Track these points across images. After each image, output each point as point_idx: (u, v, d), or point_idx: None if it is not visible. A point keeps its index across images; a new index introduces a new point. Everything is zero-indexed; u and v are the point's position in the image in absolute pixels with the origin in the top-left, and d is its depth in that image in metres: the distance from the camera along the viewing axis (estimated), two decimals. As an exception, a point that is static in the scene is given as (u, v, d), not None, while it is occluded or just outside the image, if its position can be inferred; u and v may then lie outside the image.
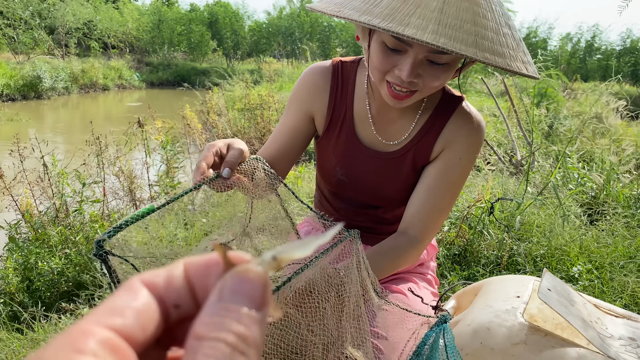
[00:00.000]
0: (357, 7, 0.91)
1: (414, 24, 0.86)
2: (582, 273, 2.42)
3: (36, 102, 14.66)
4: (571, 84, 12.62)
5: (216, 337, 0.22)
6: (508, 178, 3.80)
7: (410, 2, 0.89)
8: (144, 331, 0.25)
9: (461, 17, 0.89)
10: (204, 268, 0.27)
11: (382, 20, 0.87)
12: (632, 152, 4.27)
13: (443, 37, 0.86)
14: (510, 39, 0.97)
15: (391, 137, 1.28)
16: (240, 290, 0.24)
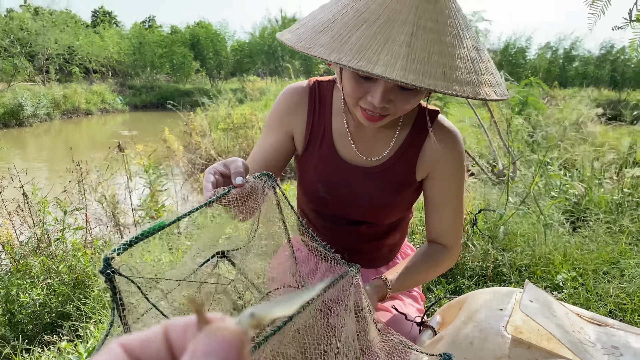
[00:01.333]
0: (327, 44, 0.92)
1: (383, 61, 0.87)
2: (566, 281, 2.42)
3: (17, 130, 14.52)
4: (551, 91, 12.79)
5: None
6: (491, 188, 3.82)
7: (379, 38, 0.89)
8: None
9: (429, 50, 0.90)
10: (182, 329, 0.26)
11: (351, 58, 0.87)
12: (612, 158, 4.33)
13: (411, 73, 0.87)
14: (478, 63, 0.98)
15: (371, 154, 1.29)
16: (213, 351, 0.23)
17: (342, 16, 0.95)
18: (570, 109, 8.43)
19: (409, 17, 0.92)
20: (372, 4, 0.94)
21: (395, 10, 0.92)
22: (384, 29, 0.90)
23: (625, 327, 1.52)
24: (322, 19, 0.98)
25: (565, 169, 4.88)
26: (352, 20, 0.93)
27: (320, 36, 0.94)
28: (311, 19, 1.02)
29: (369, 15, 0.92)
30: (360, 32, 0.90)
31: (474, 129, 7.21)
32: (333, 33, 0.93)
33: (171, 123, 11.47)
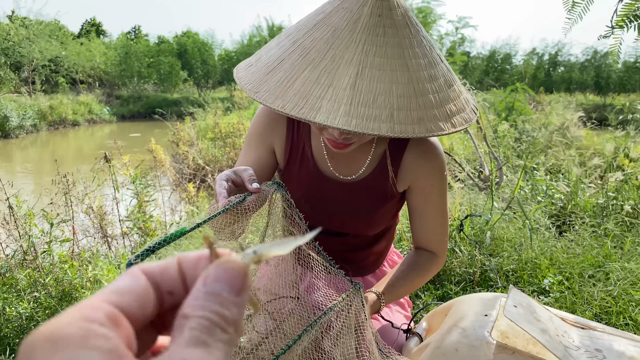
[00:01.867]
0: (272, 90, 0.90)
1: (325, 108, 0.85)
2: (553, 285, 2.44)
3: (3, 142, 14.39)
4: (537, 96, 12.93)
5: (199, 315, 0.26)
6: (478, 194, 3.85)
7: (322, 82, 0.87)
8: (142, 311, 0.29)
9: (375, 90, 0.88)
10: (195, 261, 0.31)
11: (294, 105, 0.86)
12: (596, 162, 4.38)
13: (355, 117, 0.85)
14: (432, 94, 0.95)
15: (348, 173, 1.30)
16: (222, 278, 0.28)
17: (290, 55, 0.93)
18: (555, 113, 8.52)
19: (354, 56, 0.89)
20: (318, 42, 0.92)
21: (341, 49, 0.90)
22: (328, 70, 0.88)
23: (608, 330, 1.53)
24: (272, 57, 0.97)
25: (551, 174, 4.93)
26: (298, 60, 0.91)
27: (268, 78, 0.93)
28: (265, 55, 1.01)
29: (315, 54, 0.90)
30: (304, 76, 0.89)
31: (461, 135, 7.26)
32: (279, 77, 0.91)
33: (159, 133, 11.45)
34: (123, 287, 0.28)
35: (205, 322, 0.26)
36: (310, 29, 0.95)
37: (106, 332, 0.25)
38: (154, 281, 0.30)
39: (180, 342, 0.25)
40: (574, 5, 2.16)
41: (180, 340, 0.25)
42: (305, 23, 0.98)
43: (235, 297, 0.28)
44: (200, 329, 0.25)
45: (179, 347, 0.25)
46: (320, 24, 0.94)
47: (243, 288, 0.28)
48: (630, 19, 2.00)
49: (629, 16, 2.00)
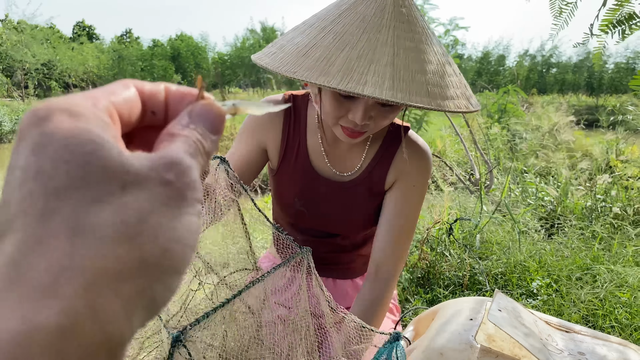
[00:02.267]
0: (312, 67, 0.93)
1: (371, 82, 0.89)
2: (541, 288, 2.46)
3: (-4, 146, 14.34)
4: (530, 98, 13.00)
5: (186, 135, 0.30)
6: (468, 197, 3.87)
7: (364, 59, 0.91)
8: (129, 117, 0.31)
9: (411, 69, 0.94)
10: (180, 95, 0.34)
11: (340, 80, 0.89)
12: (586, 165, 4.41)
13: (399, 91, 0.90)
14: (453, 77, 1.02)
15: (344, 169, 1.32)
16: (205, 116, 0.32)
17: (322, 39, 0.96)
18: (546, 115, 8.57)
19: (387, 38, 0.95)
20: (350, 27, 0.96)
21: (374, 32, 0.95)
22: (366, 50, 0.93)
23: (592, 334, 1.55)
24: (300, 43, 0.99)
25: (541, 177, 4.96)
26: (333, 43, 0.94)
27: (303, 60, 0.95)
28: (288, 43, 1.02)
29: (350, 37, 0.94)
30: (344, 54, 0.92)
31: (453, 138, 7.29)
32: (317, 56, 0.94)
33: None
34: (118, 92, 0.31)
35: (191, 142, 0.30)
36: (337, 17, 1.00)
37: (109, 120, 0.28)
38: (142, 98, 0.33)
39: (176, 146, 0.29)
40: (561, 12, 2.19)
41: (175, 145, 0.29)
42: (329, 14, 1.02)
43: (212, 134, 0.32)
44: (189, 144, 0.29)
45: (174, 149, 0.28)
46: (346, 13, 0.99)
47: (220, 129, 0.33)
48: (614, 25, 2.02)
49: (613, 22, 2.02)
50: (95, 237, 0.23)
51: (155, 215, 0.25)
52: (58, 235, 0.23)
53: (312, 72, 0.91)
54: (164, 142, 0.29)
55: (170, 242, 0.26)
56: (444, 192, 3.69)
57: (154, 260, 0.25)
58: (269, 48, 1.07)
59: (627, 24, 2.00)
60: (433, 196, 4.14)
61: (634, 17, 2.04)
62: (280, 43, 1.06)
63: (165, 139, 0.30)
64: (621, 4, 2.02)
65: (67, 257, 0.22)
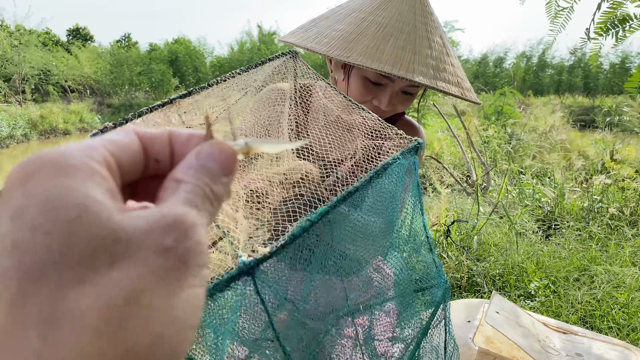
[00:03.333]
0: (363, 53, 1.00)
1: (418, 71, 1.00)
2: (539, 289, 2.47)
3: (-6, 152, 14.33)
4: (526, 99, 13.01)
5: (193, 182, 0.28)
6: (465, 199, 3.87)
7: (408, 50, 1.01)
8: (130, 168, 0.29)
9: (445, 62, 1.05)
10: (186, 139, 0.32)
11: (392, 67, 0.98)
12: (581, 165, 4.42)
13: (440, 80, 1.02)
14: (461, 71, 1.12)
15: None
16: (215, 157, 0.30)
17: (366, 29, 1.05)
18: (543, 116, 8.58)
19: (423, 33, 1.06)
20: (390, 19, 1.05)
21: (412, 26, 1.05)
22: (409, 42, 1.03)
23: (589, 334, 1.56)
24: (345, 30, 1.06)
25: (537, 178, 4.97)
26: (379, 33, 1.03)
27: (353, 45, 1.02)
28: (328, 30, 1.08)
29: (392, 30, 1.04)
30: (391, 44, 1.01)
31: (450, 140, 7.30)
32: (366, 44, 1.02)
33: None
34: (118, 140, 0.29)
35: (198, 190, 0.27)
36: (375, 9, 1.09)
37: (105, 173, 0.26)
38: (144, 145, 0.31)
39: (176, 199, 0.26)
40: (556, 15, 2.20)
41: (176, 198, 0.26)
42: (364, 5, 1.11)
43: (222, 176, 0.29)
44: (194, 194, 0.27)
45: (177, 203, 0.26)
46: (383, 6, 1.09)
47: (232, 171, 0.30)
48: (608, 27, 2.04)
49: (607, 24, 2.04)
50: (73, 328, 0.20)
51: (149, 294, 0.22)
52: (29, 328, 0.20)
53: (364, 58, 0.99)
54: (168, 190, 0.27)
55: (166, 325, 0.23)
56: (441, 194, 3.70)
57: (144, 350, 0.22)
58: (304, 33, 1.13)
59: (621, 26, 2.02)
60: (430, 198, 4.15)
61: (628, 20, 2.06)
62: (317, 29, 1.11)
63: (169, 186, 0.27)
64: (615, 7, 2.04)
65: (36, 357, 0.19)
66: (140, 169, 0.30)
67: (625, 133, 7.24)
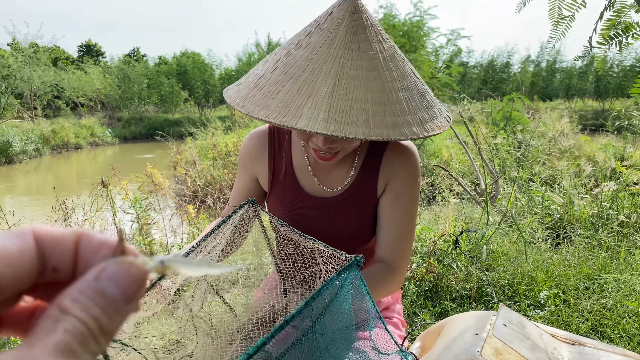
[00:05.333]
0: (258, 101, 0.97)
1: (306, 115, 0.92)
2: (548, 298, 2.45)
3: (7, 167, 14.50)
4: (534, 104, 12.97)
5: (78, 316, 0.24)
6: (475, 207, 3.86)
7: (303, 92, 0.95)
8: (12, 278, 0.26)
9: (351, 98, 0.95)
10: (97, 246, 0.28)
11: (277, 114, 0.93)
12: (590, 171, 4.39)
13: (333, 123, 0.92)
14: (406, 103, 1.02)
15: (334, 184, 1.34)
16: (118, 279, 0.26)
17: (273, 72, 1.01)
18: (551, 121, 8.54)
19: (332, 68, 0.97)
20: (299, 58, 1.00)
21: (319, 63, 0.98)
22: (307, 82, 0.96)
23: (598, 345, 1.55)
24: (257, 75, 1.04)
25: (547, 185, 4.94)
26: (281, 76, 0.99)
27: (254, 93, 1.00)
28: (251, 74, 1.08)
29: (296, 69, 0.98)
30: (286, 88, 0.96)
31: (458, 148, 7.29)
32: (263, 90, 0.99)
33: (161, 154, 11.52)
34: (3, 248, 0.25)
35: (81, 328, 0.23)
36: (292, 48, 1.03)
37: None
38: (42, 250, 0.27)
39: (48, 345, 0.23)
40: (557, 23, 2.21)
41: (49, 342, 0.23)
42: (288, 44, 1.06)
43: (123, 304, 0.25)
44: (74, 335, 0.23)
45: (46, 352, 0.22)
46: (301, 43, 1.03)
47: (135, 296, 0.26)
48: (612, 36, 2.04)
49: (610, 34, 2.04)
50: None
51: None
52: None
53: (255, 107, 0.96)
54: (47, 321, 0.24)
55: None
56: (450, 204, 3.70)
57: None
58: (241, 79, 1.12)
59: (624, 35, 2.03)
60: (440, 207, 4.15)
61: (632, 28, 2.06)
62: (248, 74, 1.11)
63: (50, 316, 0.24)
64: (618, 15, 2.05)
65: None
66: (31, 278, 0.27)
67: (636, 136, 7.19)
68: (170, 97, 24.71)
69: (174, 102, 25.02)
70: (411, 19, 8.89)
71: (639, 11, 1.96)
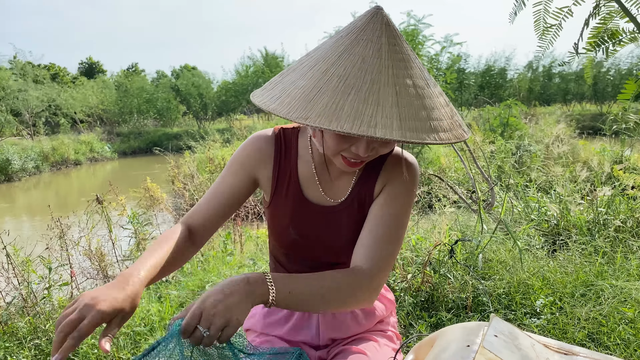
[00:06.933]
0: (322, 113, 0.95)
1: (381, 124, 0.93)
2: (545, 306, 2.44)
3: (7, 185, 14.54)
4: (531, 110, 13.00)
5: None
6: (470, 216, 3.86)
7: (370, 102, 0.95)
8: None
9: (414, 106, 0.98)
10: None
11: (352, 125, 0.92)
12: (586, 177, 4.39)
13: (408, 130, 0.94)
14: (445, 108, 1.06)
15: (337, 195, 1.34)
16: None
17: (326, 83, 0.99)
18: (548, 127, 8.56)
19: (389, 79, 0.99)
20: (352, 69, 1.00)
21: (376, 73, 0.99)
22: (371, 92, 0.97)
23: (592, 355, 1.54)
24: (306, 87, 1.01)
25: (543, 191, 4.94)
26: (340, 87, 0.98)
27: (312, 105, 0.97)
28: (291, 87, 1.04)
29: (354, 80, 0.98)
30: (352, 98, 0.96)
31: (454, 156, 7.29)
32: (325, 102, 0.97)
33: (159, 168, 11.54)
34: None
35: None
36: (337, 58, 1.03)
37: None
38: None
39: None
40: (544, 32, 2.21)
41: None
42: (328, 55, 1.05)
43: None
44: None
45: None
46: (345, 55, 1.03)
47: None
48: (598, 43, 2.05)
49: (597, 41, 2.05)
50: None
51: None
52: None
53: (323, 118, 0.94)
54: None
55: None
56: (445, 213, 3.69)
57: None
58: (271, 91, 1.09)
59: (610, 41, 2.03)
60: (436, 217, 4.14)
61: (618, 35, 2.07)
62: (281, 86, 1.08)
63: None
64: (604, 22, 2.05)
65: None
66: None
67: (634, 139, 7.19)
68: (167, 111, 24.81)
69: (172, 116, 25.12)
70: (406, 29, 8.92)
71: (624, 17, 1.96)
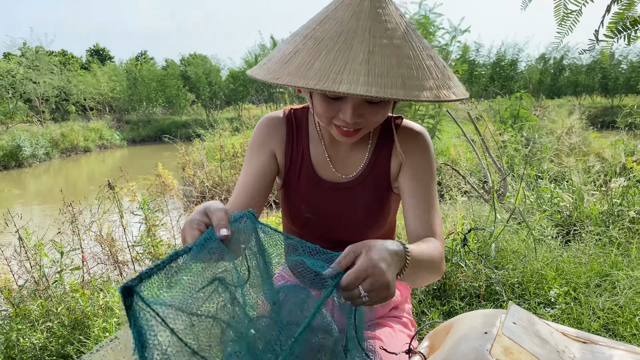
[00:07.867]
0: (293, 73, 1.00)
1: (346, 80, 0.95)
2: (559, 296, 2.43)
3: (17, 171, 14.64)
4: (541, 102, 12.90)
5: None
6: (483, 205, 3.84)
7: (339, 61, 0.98)
8: None
9: (387, 64, 0.99)
10: None
11: (317, 81, 0.96)
12: (600, 168, 4.35)
13: (374, 86, 0.95)
14: (434, 69, 1.06)
15: (349, 171, 1.35)
16: None
17: (304, 46, 1.04)
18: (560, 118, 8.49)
19: (364, 38, 1.01)
20: (328, 32, 1.03)
21: (351, 33, 1.02)
22: (342, 51, 0.99)
23: (610, 343, 1.53)
24: (285, 51, 1.06)
25: (555, 182, 4.90)
26: (313, 48, 1.02)
27: (286, 66, 1.02)
28: (277, 52, 1.10)
29: (328, 41, 1.02)
30: (322, 57, 0.99)
31: (466, 146, 7.25)
32: (297, 62, 1.01)
33: (169, 155, 11.57)
34: None
35: None
36: (319, 24, 1.07)
37: None
38: None
39: None
40: (563, 18, 2.18)
41: None
42: (312, 22, 1.10)
43: None
44: None
45: None
46: (326, 19, 1.07)
47: None
48: (620, 30, 2.01)
49: (618, 27, 2.01)
50: None
51: None
52: None
53: (292, 77, 0.99)
54: None
55: None
56: (458, 202, 3.67)
57: None
58: (263, 60, 1.14)
59: (632, 28, 1.99)
60: (448, 206, 4.13)
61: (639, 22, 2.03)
62: (271, 54, 1.13)
63: None
64: (626, 8, 2.01)
65: None
66: None
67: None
68: (177, 99, 24.82)
69: (181, 104, 25.12)
70: (418, 19, 8.85)
71: (646, 3, 1.93)
